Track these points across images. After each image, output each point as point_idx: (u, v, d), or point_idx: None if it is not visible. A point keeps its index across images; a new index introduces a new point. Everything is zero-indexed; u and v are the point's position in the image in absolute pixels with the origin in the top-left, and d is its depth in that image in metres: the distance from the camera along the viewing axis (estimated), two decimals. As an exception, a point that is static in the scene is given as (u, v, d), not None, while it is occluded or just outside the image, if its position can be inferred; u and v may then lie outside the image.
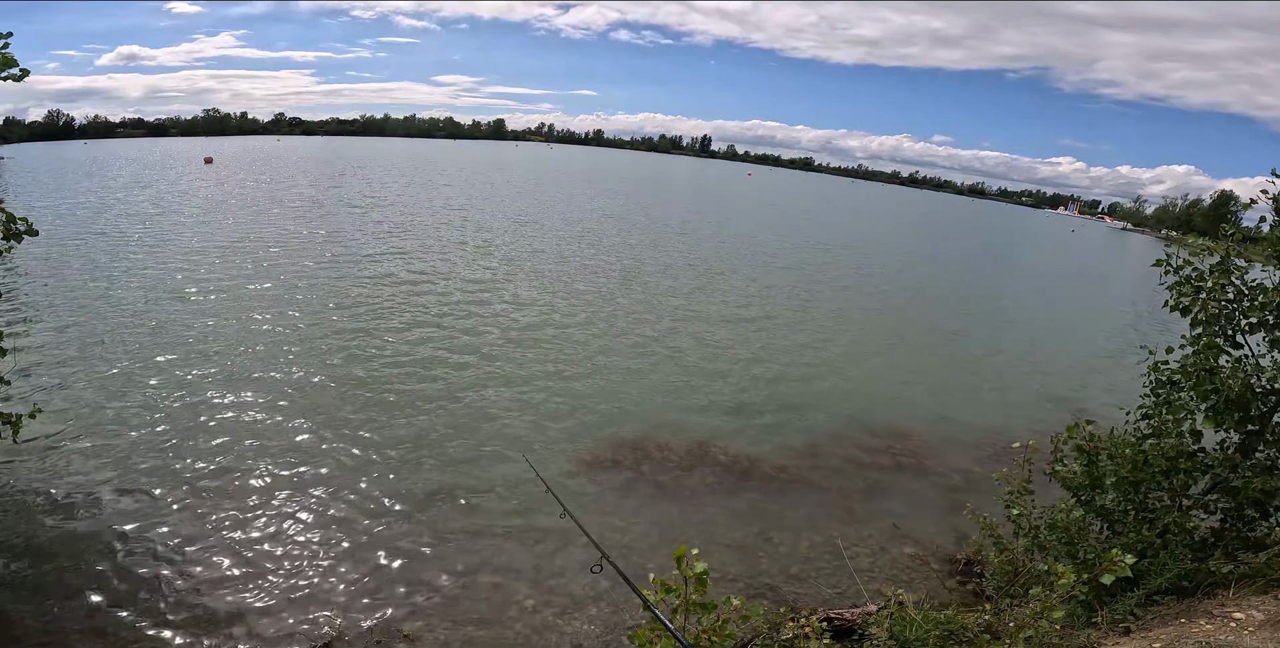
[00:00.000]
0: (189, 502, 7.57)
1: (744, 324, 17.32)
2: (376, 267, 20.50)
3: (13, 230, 6.36)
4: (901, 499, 9.06)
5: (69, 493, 7.55)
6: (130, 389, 10.41)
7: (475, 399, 11.02)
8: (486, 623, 6.13)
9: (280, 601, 6.16)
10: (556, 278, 20.83)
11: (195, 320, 14.05)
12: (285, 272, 18.98)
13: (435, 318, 15.50)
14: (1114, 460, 4.70)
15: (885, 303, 22.83)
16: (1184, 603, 4.18)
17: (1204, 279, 4.81)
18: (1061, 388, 14.88)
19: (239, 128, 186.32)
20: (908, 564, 7.48)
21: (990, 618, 3.73)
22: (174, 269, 18.62)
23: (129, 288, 16.40)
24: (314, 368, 11.87)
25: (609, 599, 6.50)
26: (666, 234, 33.91)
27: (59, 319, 13.61)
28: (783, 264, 27.88)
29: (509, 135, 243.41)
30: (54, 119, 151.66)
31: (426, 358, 12.76)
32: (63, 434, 8.81)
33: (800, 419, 11.45)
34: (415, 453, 9.12)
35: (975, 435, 11.44)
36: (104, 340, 12.50)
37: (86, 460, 8.28)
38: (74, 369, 11.00)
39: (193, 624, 5.78)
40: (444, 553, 7.07)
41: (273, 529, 7.22)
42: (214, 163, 63.25)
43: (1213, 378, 4.49)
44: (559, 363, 13.07)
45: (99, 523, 7.07)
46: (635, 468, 9.18)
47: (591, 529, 7.40)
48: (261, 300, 15.93)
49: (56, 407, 9.39)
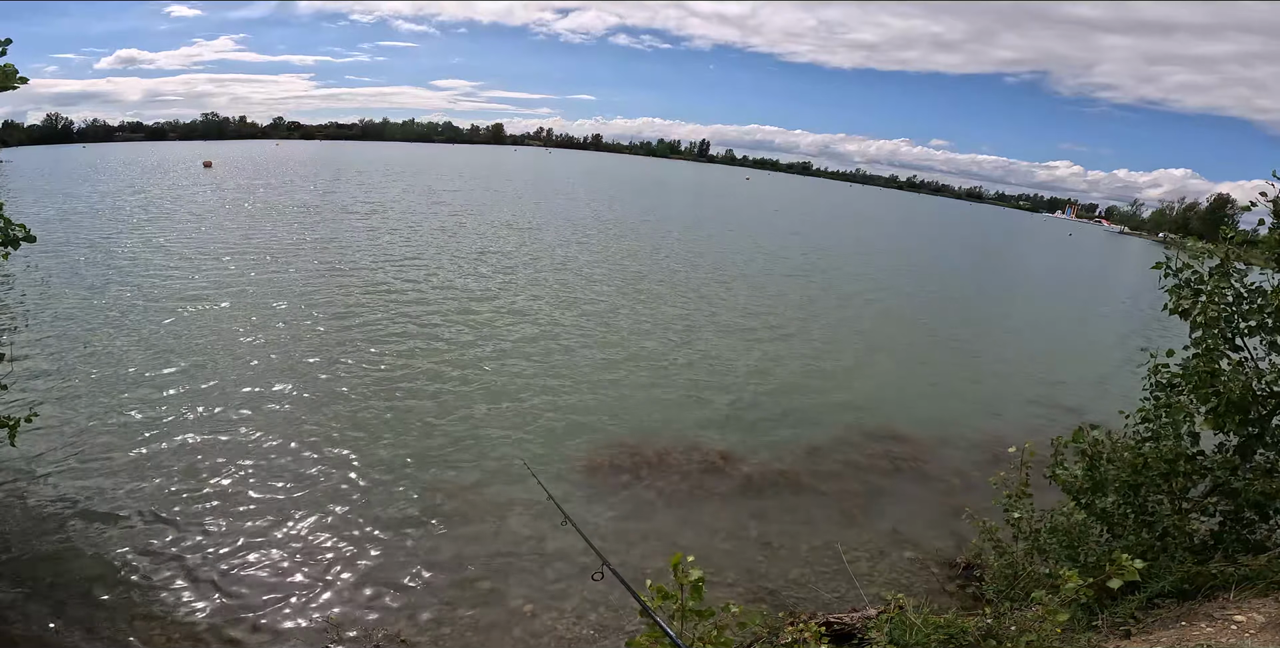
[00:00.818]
0: (183, 509, 7.53)
1: (742, 332, 17.30)
2: (374, 275, 20.49)
3: (11, 237, 6.37)
4: (901, 504, 9.04)
5: (61, 500, 7.52)
6: (124, 396, 10.38)
7: (476, 408, 10.98)
8: (485, 629, 6.11)
9: (278, 606, 6.14)
10: (556, 286, 20.81)
11: (189, 330, 14.01)
12: (284, 280, 18.96)
13: (433, 327, 15.48)
14: (1114, 464, 4.69)
15: (882, 308, 22.84)
16: (1185, 606, 4.16)
17: (1204, 282, 4.81)
18: (1060, 392, 14.88)
19: (237, 132, 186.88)
20: (907, 568, 7.46)
21: (991, 622, 3.70)
22: (169, 276, 18.59)
23: (127, 297, 16.35)
24: (312, 373, 11.84)
25: (607, 605, 6.48)
26: (668, 241, 33.93)
27: (43, 329, 13.47)
28: (783, 271, 27.88)
29: (507, 140, 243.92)
30: (53, 123, 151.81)
31: (424, 368, 12.71)
32: (51, 444, 8.74)
33: (799, 424, 11.43)
34: (415, 460, 9.09)
35: (973, 440, 11.43)
36: (92, 349, 12.44)
37: (79, 469, 8.23)
38: (61, 380, 10.93)
39: (190, 630, 5.76)
40: (443, 559, 7.04)
41: (271, 536, 7.18)
42: (213, 167, 63.22)
43: (1213, 381, 4.49)
44: (558, 372, 13.04)
45: (94, 530, 7.04)
46: (634, 474, 9.16)
47: (592, 536, 7.40)
48: (261, 310, 15.91)
49: (46, 413, 9.33)
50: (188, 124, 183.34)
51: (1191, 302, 4.79)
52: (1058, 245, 78.22)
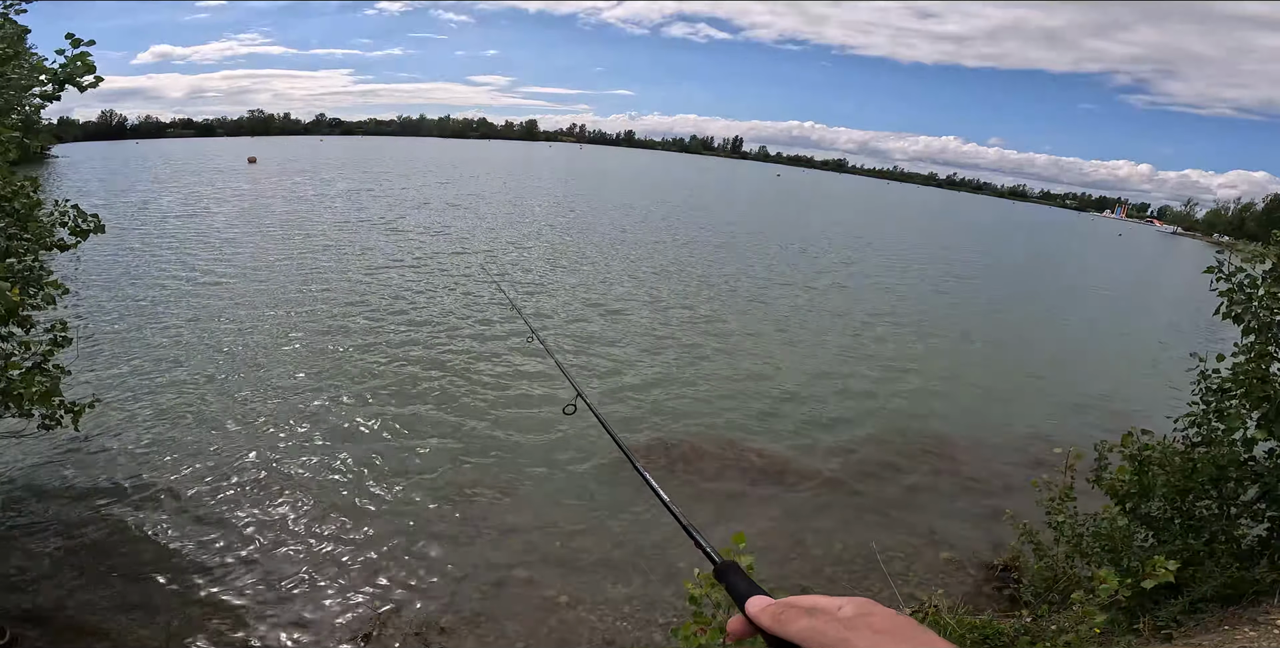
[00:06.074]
0: (229, 499, 7.78)
1: (775, 334, 17.21)
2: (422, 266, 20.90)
3: (82, 228, 6.71)
4: (938, 505, 8.96)
5: (117, 485, 7.83)
6: (171, 389, 10.82)
7: (514, 399, 11.18)
8: (520, 618, 6.25)
9: (320, 595, 6.33)
10: (600, 283, 20.99)
11: (240, 319, 14.50)
12: (345, 274, 19.49)
13: (479, 322, 15.74)
14: (1163, 468, 4.63)
15: (918, 310, 22.49)
16: (1228, 611, 4.11)
17: (1256, 286, 4.71)
18: (1102, 396, 14.52)
19: (282, 128, 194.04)
20: (943, 569, 7.41)
21: (1029, 623, 3.71)
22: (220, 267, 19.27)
23: (186, 295, 16.99)
24: (353, 361, 12.19)
25: (641, 598, 6.59)
26: (700, 240, 33.90)
27: (106, 318, 14.13)
28: (815, 268, 27.63)
29: (541, 136, 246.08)
30: (107, 119, 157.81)
31: (466, 358, 12.97)
32: (105, 430, 9.07)
33: (835, 424, 11.37)
34: (453, 452, 9.29)
35: (1013, 443, 11.25)
36: (157, 340, 12.97)
37: (130, 455, 8.56)
38: (117, 368, 11.40)
39: (237, 617, 5.97)
40: (479, 550, 7.19)
41: (312, 526, 7.38)
42: (257, 163, 64.94)
43: (1264, 386, 4.40)
44: (593, 369, 13.13)
45: (145, 517, 7.32)
46: (669, 470, 9.24)
47: (622, 530, 7.55)
48: (321, 301, 16.40)
49: (110, 400, 9.78)
50: (235, 121, 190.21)
51: (1244, 306, 4.69)
52: (1104, 246, 75.77)
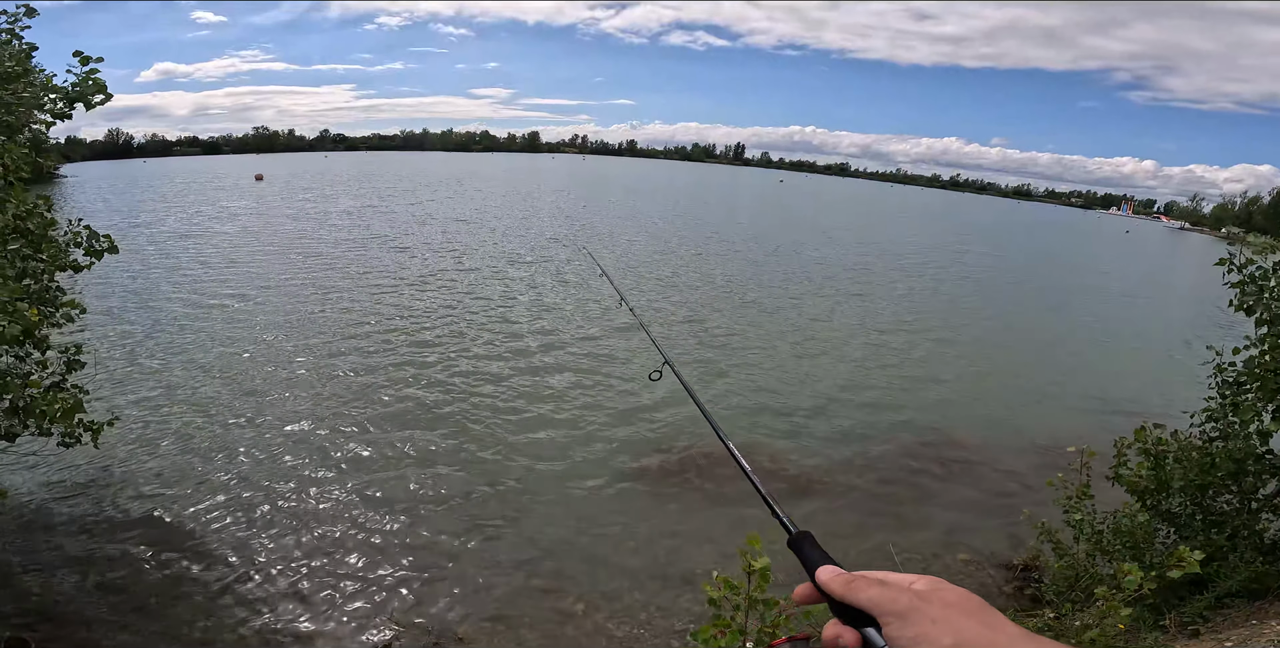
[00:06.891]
0: (248, 508, 7.85)
1: (787, 335, 17.22)
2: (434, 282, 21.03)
3: (96, 248, 6.80)
4: (955, 506, 8.90)
5: (130, 507, 7.85)
6: (194, 399, 10.92)
7: (531, 409, 11.20)
8: (537, 626, 6.25)
9: (338, 602, 6.37)
10: (615, 290, 21.02)
11: (255, 339, 14.61)
12: (356, 288, 19.65)
13: (496, 335, 15.78)
14: (1180, 463, 4.60)
15: (929, 310, 22.43)
16: (1254, 606, 4.07)
17: (1268, 278, 4.70)
18: (1116, 393, 14.40)
19: (287, 145, 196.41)
20: (961, 570, 7.36)
21: (1052, 621, 3.69)
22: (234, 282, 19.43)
23: (197, 317, 17.15)
24: (368, 375, 12.25)
25: (658, 606, 6.58)
26: (709, 247, 34.00)
27: (124, 335, 14.26)
28: (826, 274, 27.61)
29: (543, 148, 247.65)
30: (114, 138, 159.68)
31: (483, 370, 13.03)
32: (115, 453, 9.03)
33: (849, 426, 11.34)
34: (471, 460, 9.33)
35: (1028, 442, 11.17)
36: (172, 357, 13.09)
37: (151, 470, 8.65)
38: (129, 385, 11.48)
39: (259, 625, 6.02)
40: (496, 558, 7.21)
41: (331, 533, 7.45)
42: (264, 180, 65.36)
43: (1278, 378, 4.38)
44: (610, 381, 13.10)
45: (167, 528, 7.40)
46: (680, 475, 9.22)
47: (638, 539, 7.54)
48: (331, 307, 16.51)
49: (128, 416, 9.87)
50: (240, 138, 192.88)
51: (1256, 298, 4.68)
52: (1113, 243, 75.35)
